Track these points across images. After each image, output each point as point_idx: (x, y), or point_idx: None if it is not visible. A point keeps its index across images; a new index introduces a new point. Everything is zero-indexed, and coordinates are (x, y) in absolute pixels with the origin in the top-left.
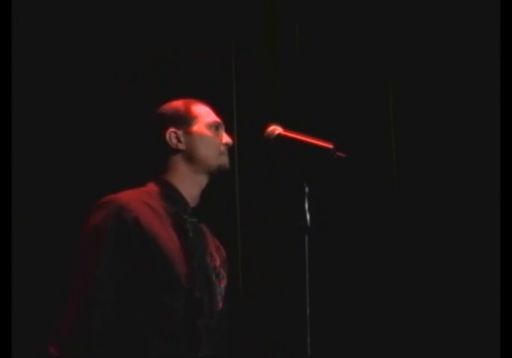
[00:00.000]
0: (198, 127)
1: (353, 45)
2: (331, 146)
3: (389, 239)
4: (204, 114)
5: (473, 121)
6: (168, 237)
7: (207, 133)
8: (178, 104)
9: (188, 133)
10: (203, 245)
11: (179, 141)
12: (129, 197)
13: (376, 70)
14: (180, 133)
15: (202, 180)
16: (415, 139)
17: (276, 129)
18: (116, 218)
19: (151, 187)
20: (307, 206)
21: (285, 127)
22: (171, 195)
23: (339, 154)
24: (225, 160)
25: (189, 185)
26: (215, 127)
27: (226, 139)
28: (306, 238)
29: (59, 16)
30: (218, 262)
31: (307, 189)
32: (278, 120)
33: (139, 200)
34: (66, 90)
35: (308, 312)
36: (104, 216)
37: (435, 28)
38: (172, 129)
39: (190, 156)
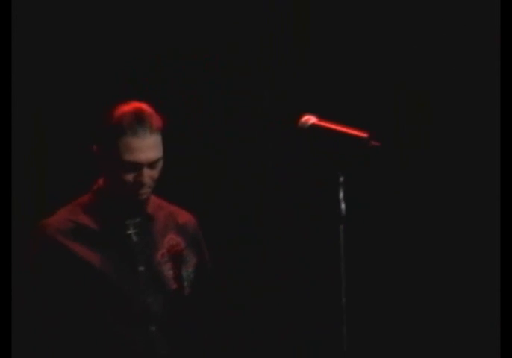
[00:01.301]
0: (113, 162)
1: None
2: (365, 135)
3: (424, 228)
4: (122, 150)
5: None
6: (94, 256)
7: (119, 172)
8: (106, 122)
9: (106, 159)
10: (153, 242)
11: (102, 163)
12: (57, 220)
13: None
14: (101, 154)
15: (130, 203)
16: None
17: (310, 119)
18: (42, 256)
19: (89, 199)
20: (341, 195)
21: (319, 116)
22: (105, 204)
23: (373, 142)
24: (141, 198)
25: (122, 202)
26: (132, 167)
27: (143, 179)
28: (341, 228)
29: (59, 16)
30: (181, 246)
31: (341, 179)
32: (312, 109)
33: (68, 220)
34: (68, 88)
35: (344, 302)
36: (34, 252)
37: (435, 28)
38: (94, 147)
39: (109, 180)
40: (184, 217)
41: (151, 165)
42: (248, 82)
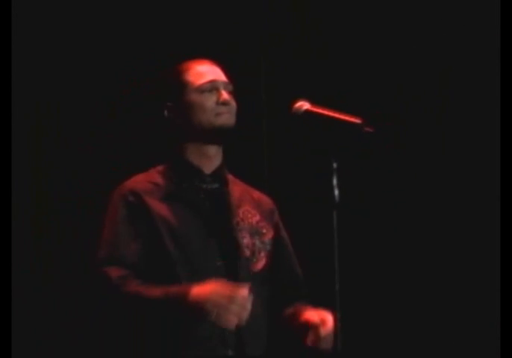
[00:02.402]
0: (187, 96)
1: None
2: (359, 121)
3: (417, 216)
4: (194, 78)
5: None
6: (174, 213)
7: (196, 98)
8: (169, 74)
9: (180, 104)
10: (227, 209)
11: (175, 114)
12: (136, 181)
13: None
14: (174, 106)
15: (208, 148)
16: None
17: (304, 104)
18: (123, 206)
19: (165, 165)
20: (335, 181)
21: (313, 102)
22: (182, 169)
23: (367, 128)
24: (222, 120)
25: (197, 155)
26: (208, 88)
27: (222, 97)
28: (334, 214)
29: (59, 16)
30: (257, 218)
31: (335, 165)
32: (306, 95)
33: (146, 181)
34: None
35: (337, 288)
36: (114, 206)
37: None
38: (167, 104)
39: (188, 127)
40: (260, 195)
41: (226, 87)
42: (243, 69)
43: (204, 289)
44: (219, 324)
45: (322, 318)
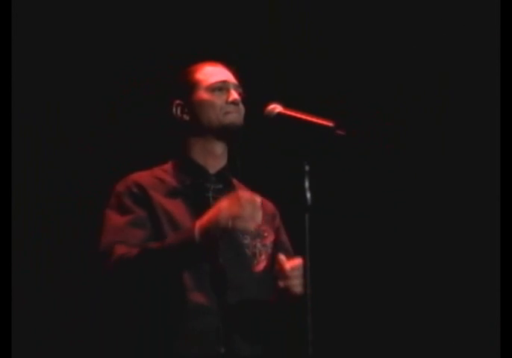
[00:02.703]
0: (197, 94)
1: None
2: (331, 124)
3: (391, 219)
4: (205, 77)
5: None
6: (177, 208)
7: (206, 96)
8: (181, 73)
9: (190, 101)
10: None
11: (183, 112)
12: (140, 175)
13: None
14: (183, 103)
15: (215, 147)
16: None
17: (276, 107)
18: (127, 196)
19: (170, 163)
20: (307, 184)
21: (285, 105)
22: (187, 168)
23: (339, 131)
24: (231, 119)
25: (203, 154)
26: (218, 88)
27: (232, 96)
28: (306, 216)
29: (59, 16)
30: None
31: (307, 168)
32: (279, 98)
33: (151, 176)
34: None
35: (309, 291)
36: (118, 195)
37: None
38: (176, 101)
39: (196, 125)
40: (262, 199)
41: (236, 89)
42: None
43: (208, 214)
44: (241, 230)
45: (292, 263)
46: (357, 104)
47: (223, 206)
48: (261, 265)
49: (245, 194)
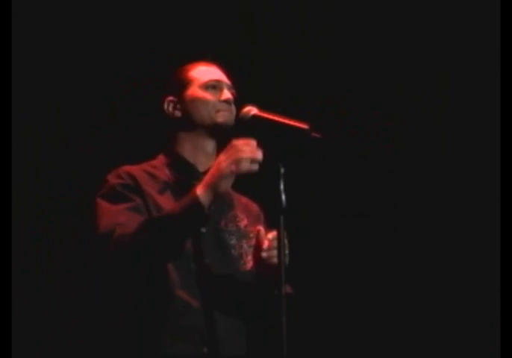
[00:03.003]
0: (191, 91)
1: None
2: (306, 126)
3: (368, 219)
4: (199, 75)
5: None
6: (166, 201)
7: (200, 93)
8: (175, 71)
9: (183, 98)
10: (216, 210)
11: (175, 108)
12: (131, 167)
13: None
14: (176, 100)
15: (205, 144)
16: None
17: (251, 109)
18: (119, 185)
19: (159, 159)
20: (282, 186)
21: (261, 107)
22: (177, 165)
23: (314, 134)
24: (222, 117)
25: (194, 151)
26: (212, 86)
27: (225, 95)
28: (281, 218)
29: (59, 16)
30: (245, 223)
31: (282, 170)
32: (254, 101)
33: (142, 170)
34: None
35: (283, 293)
36: (110, 184)
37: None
38: (169, 98)
39: (187, 122)
40: (248, 201)
41: (229, 89)
42: None
43: (209, 172)
44: (245, 171)
45: (272, 235)
46: (357, 104)
47: (221, 158)
48: (247, 265)
49: (238, 140)
